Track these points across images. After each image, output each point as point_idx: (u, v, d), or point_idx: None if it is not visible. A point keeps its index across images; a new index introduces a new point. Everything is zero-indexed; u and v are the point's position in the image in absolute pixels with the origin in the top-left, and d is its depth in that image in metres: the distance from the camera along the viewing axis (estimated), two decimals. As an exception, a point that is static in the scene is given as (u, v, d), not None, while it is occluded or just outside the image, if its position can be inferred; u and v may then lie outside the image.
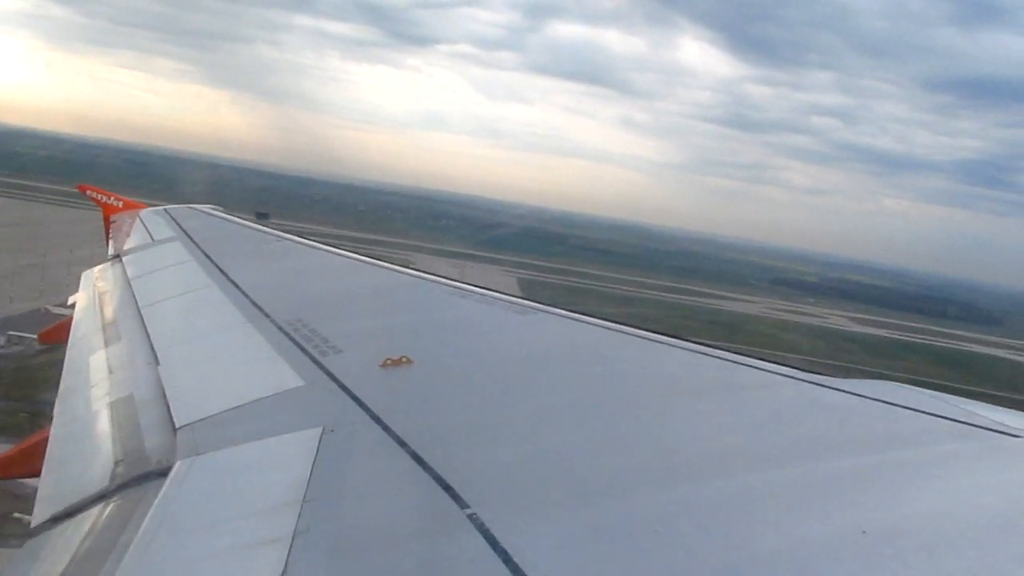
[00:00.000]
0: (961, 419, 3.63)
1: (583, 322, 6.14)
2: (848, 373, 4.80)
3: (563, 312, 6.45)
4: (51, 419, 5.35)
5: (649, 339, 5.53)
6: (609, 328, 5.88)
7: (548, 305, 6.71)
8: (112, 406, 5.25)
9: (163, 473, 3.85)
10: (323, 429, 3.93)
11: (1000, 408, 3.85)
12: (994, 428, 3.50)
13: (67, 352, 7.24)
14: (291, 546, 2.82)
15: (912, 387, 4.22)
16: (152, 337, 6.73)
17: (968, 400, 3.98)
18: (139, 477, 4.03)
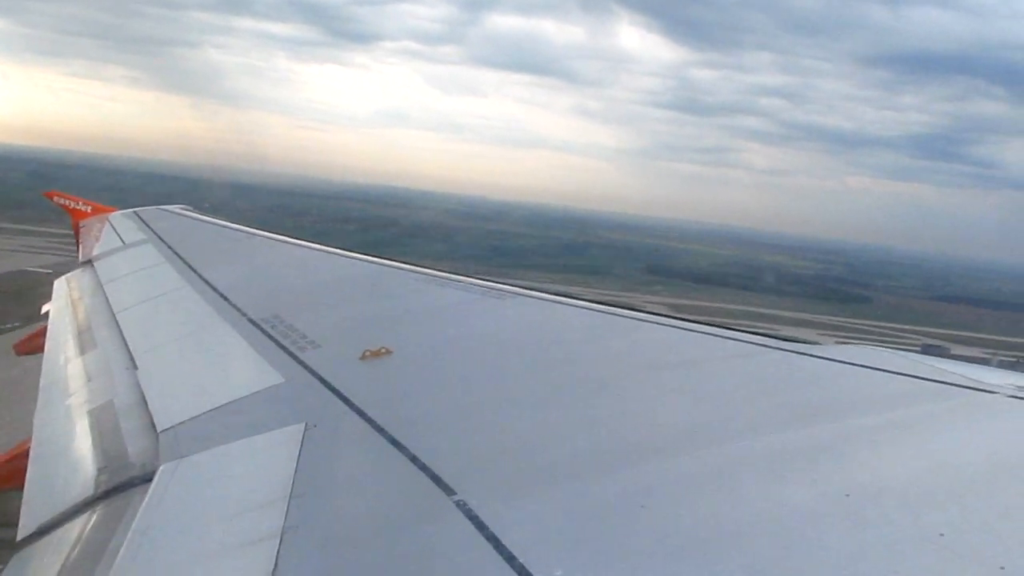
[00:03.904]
0: (940, 379, 3.68)
1: (560, 304, 6.15)
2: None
3: (540, 295, 6.46)
4: (31, 430, 5.30)
5: (626, 316, 5.55)
6: (586, 308, 5.89)
7: (525, 289, 6.72)
8: (92, 413, 5.21)
9: (147, 478, 3.83)
10: (306, 425, 3.92)
11: (977, 365, 3.90)
12: (972, 386, 3.55)
13: (43, 362, 7.17)
14: (280, 542, 2.82)
15: (891, 350, 4.26)
16: (128, 342, 6.68)
17: (947, 360, 4.03)
18: (124, 483, 4.00)
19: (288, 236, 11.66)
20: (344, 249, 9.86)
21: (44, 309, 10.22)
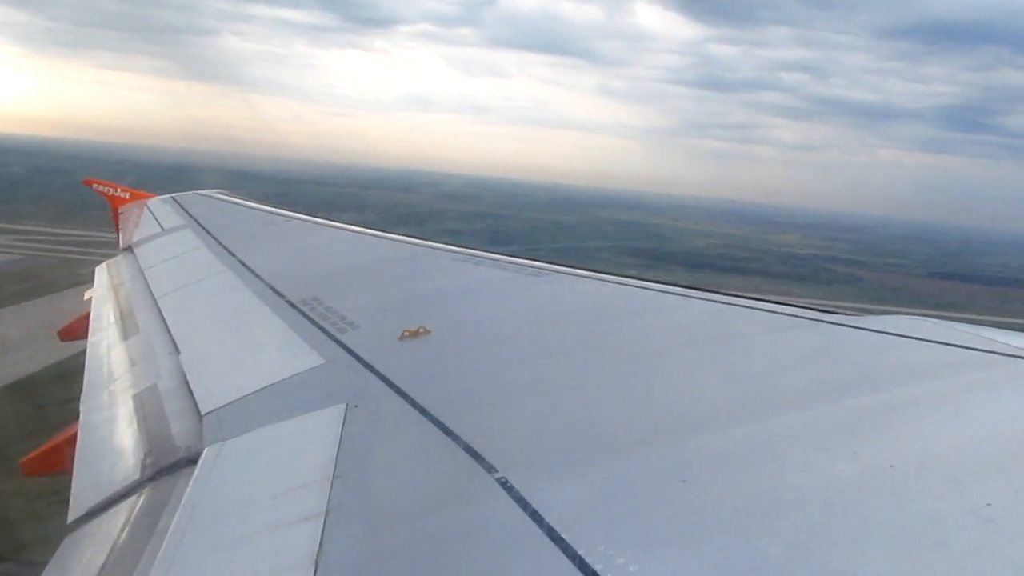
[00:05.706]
0: (982, 347, 3.61)
1: (596, 280, 6.13)
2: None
3: (576, 272, 6.43)
4: (78, 415, 5.39)
5: (664, 291, 5.51)
6: (623, 284, 5.87)
7: (561, 266, 6.70)
8: (137, 398, 5.29)
9: (192, 460, 3.89)
10: (347, 405, 3.94)
11: (1020, 333, 3.83)
12: (1016, 354, 3.49)
13: (88, 347, 7.29)
14: (325, 522, 2.84)
15: (931, 319, 4.20)
16: (170, 326, 6.77)
17: (988, 328, 3.96)
18: (169, 466, 4.06)
19: (323, 218, 11.73)
20: (379, 230, 9.90)
21: (87, 295, 10.38)
